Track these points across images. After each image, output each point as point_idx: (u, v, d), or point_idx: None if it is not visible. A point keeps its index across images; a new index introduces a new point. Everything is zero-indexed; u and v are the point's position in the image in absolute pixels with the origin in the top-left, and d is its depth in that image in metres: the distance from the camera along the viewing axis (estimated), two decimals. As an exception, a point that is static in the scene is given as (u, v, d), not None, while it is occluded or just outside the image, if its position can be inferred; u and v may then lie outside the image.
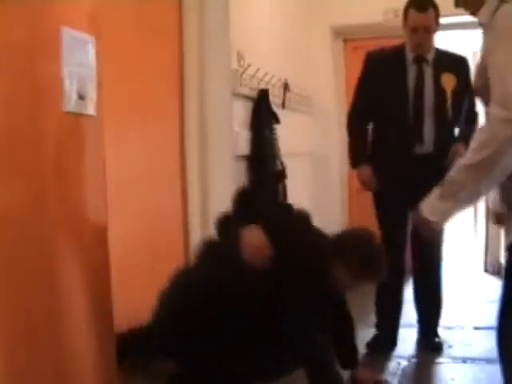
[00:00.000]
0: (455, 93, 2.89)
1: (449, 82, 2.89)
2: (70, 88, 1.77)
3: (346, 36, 4.81)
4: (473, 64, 4.79)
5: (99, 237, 1.99)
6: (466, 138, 2.95)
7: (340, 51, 4.84)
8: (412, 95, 2.88)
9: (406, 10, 2.88)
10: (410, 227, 2.99)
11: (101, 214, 2.00)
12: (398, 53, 2.97)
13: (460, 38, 5.01)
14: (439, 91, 2.88)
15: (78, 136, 1.87)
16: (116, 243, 2.20)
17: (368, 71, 3.01)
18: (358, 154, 3.05)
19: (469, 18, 1.69)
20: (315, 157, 4.71)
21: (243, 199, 2.27)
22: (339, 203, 4.88)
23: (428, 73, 2.91)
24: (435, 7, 2.84)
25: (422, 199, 2.89)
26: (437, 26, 2.89)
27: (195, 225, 3.03)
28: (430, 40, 2.91)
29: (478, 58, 5.07)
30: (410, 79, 2.90)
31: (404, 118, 2.88)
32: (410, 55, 2.93)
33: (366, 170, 2.99)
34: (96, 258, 1.97)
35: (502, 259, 4.50)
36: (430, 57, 2.93)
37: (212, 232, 3.08)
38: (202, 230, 3.06)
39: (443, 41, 4.86)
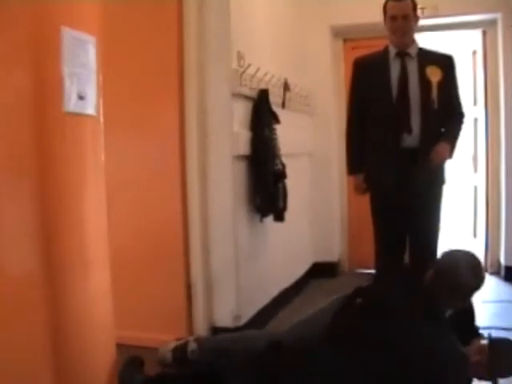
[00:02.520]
0: (441, 85, 2.93)
1: (434, 73, 2.94)
2: (70, 88, 1.77)
3: (345, 36, 4.80)
4: (471, 63, 4.82)
5: (99, 236, 1.99)
6: (450, 138, 2.98)
7: (340, 51, 4.84)
8: (396, 87, 2.93)
9: (384, 5, 3.00)
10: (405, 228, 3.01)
11: (101, 213, 2.00)
12: (382, 53, 3.05)
13: (460, 38, 5.00)
14: (424, 82, 2.92)
15: (78, 136, 1.87)
16: (115, 243, 2.21)
17: (356, 76, 3.12)
18: (352, 162, 3.20)
19: (469, 18, 1.69)
20: (315, 156, 4.71)
21: None
22: (339, 203, 4.88)
23: (412, 65, 2.96)
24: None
25: (412, 200, 2.93)
26: (415, 17, 2.99)
27: (195, 225, 3.03)
28: (410, 29, 2.98)
29: (477, 57, 5.07)
30: (393, 72, 2.96)
31: (389, 110, 2.92)
32: (392, 52, 3.00)
33: (357, 179, 3.18)
34: (96, 255, 1.97)
35: (502, 259, 4.50)
36: (414, 52, 2.99)
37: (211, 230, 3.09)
38: (202, 229, 3.06)
39: (444, 41, 4.87)
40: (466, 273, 2.16)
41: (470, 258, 2.25)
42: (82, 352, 1.87)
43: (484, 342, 2.16)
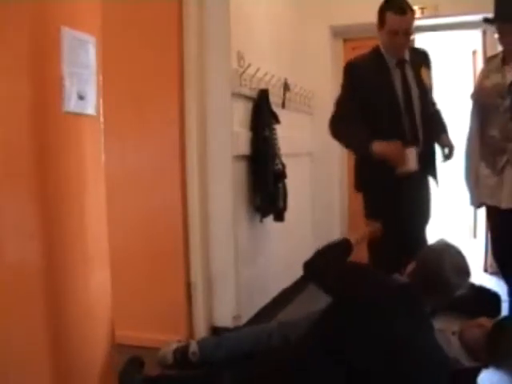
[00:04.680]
0: (430, 85, 2.93)
1: (426, 75, 2.92)
2: (70, 88, 1.78)
3: (345, 36, 4.80)
4: (471, 62, 4.81)
5: (99, 234, 1.99)
6: (445, 129, 2.98)
7: (340, 51, 4.83)
8: (402, 101, 2.82)
9: (382, 14, 2.75)
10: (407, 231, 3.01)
11: (100, 212, 2.00)
12: (377, 58, 2.87)
13: (460, 38, 5.00)
14: (422, 88, 2.88)
15: (78, 136, 1.87)
16: (115, 243, 2.21)
17: (352, 79, 2.90)
18: (362, 136, 2.79)
19: (469, 18, 1.69)
20: (315, 156, 4.71)
21: None
22: (339, 203, 4.88)
23: (410, 74, 2.87)
24: (412, 10, 2.77)
25: (418, 205, 2.91)
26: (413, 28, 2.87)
27: (195, 224, 3.03)
28: (409, 42, 2.86)
29: (477, 57, 5.03)
30: (397, 85, 2.83)
31: (399, 125, 2.82)
32: (391, 60, 2.85)
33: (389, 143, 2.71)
34: (96, 253, 1.97)
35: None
36: (408, 56, 2.89)
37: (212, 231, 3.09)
38: (202, 229, 3.06)
39: (444, 41, 4.87)
40: (449, 269, 2.11)
41: (454, 253, 2.21)
42: (81, 347, 1.87)
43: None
